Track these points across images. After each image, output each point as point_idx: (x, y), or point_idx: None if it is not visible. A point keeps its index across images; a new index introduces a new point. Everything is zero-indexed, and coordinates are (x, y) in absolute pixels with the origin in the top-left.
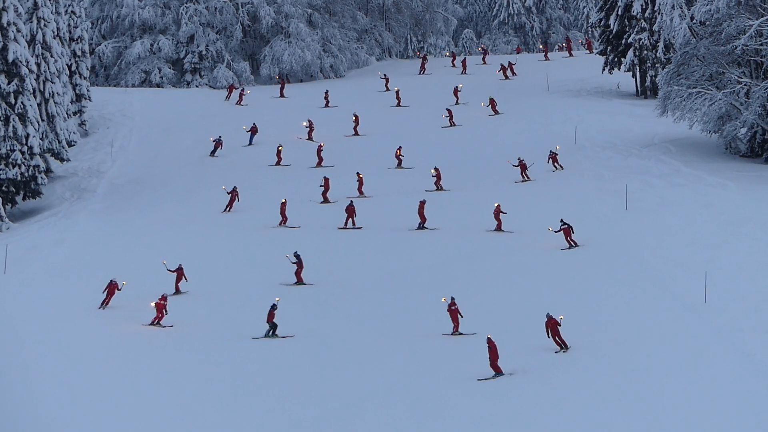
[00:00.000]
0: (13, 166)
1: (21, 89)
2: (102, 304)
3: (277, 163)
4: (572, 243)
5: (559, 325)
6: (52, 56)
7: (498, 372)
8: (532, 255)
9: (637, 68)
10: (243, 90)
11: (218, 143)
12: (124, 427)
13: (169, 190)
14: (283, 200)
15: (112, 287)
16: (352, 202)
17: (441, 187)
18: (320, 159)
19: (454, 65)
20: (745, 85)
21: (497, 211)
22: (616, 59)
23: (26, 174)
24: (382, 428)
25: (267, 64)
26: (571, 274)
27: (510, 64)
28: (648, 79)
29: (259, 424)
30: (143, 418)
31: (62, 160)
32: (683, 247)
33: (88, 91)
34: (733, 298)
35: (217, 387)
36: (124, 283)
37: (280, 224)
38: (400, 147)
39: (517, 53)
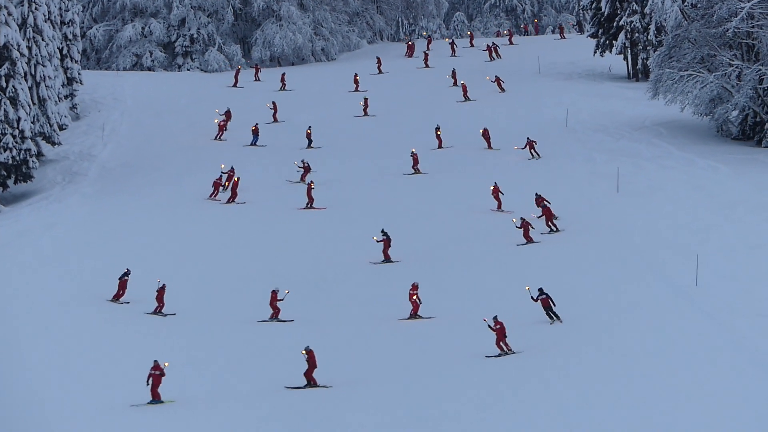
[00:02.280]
0: (5, 150)
1: (12, 73)
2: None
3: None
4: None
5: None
6: (43, 40)
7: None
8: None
9: (629, 51)
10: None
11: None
12: (117, 413)
13: (161, 174)
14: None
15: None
16: None
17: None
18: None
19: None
20: (736, 67)
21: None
22: (607, 42)
23: (17, 157)
24: (373, 412)
25: (258, 47)
26: (563, 256)
27: (495, 46)
28: (639, 61)
29: (249, 406)
30: (136, 403)
31: (53, 143)
32: (674, 230)
33: (79, 74)
34: (724, 281)
35: (210, 370)
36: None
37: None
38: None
39: (497, 36)
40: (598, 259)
